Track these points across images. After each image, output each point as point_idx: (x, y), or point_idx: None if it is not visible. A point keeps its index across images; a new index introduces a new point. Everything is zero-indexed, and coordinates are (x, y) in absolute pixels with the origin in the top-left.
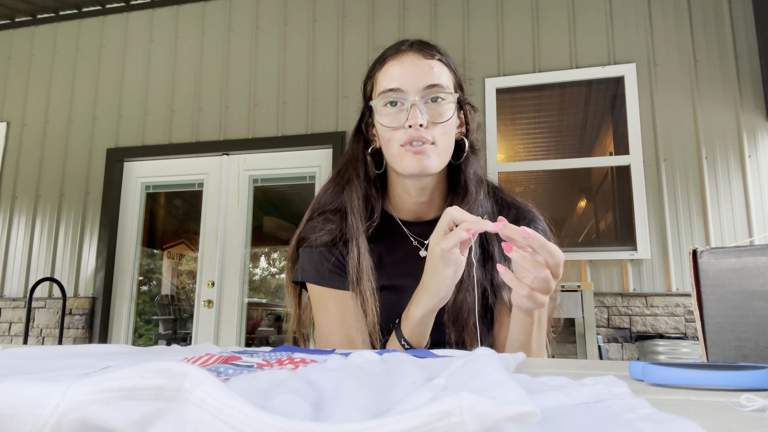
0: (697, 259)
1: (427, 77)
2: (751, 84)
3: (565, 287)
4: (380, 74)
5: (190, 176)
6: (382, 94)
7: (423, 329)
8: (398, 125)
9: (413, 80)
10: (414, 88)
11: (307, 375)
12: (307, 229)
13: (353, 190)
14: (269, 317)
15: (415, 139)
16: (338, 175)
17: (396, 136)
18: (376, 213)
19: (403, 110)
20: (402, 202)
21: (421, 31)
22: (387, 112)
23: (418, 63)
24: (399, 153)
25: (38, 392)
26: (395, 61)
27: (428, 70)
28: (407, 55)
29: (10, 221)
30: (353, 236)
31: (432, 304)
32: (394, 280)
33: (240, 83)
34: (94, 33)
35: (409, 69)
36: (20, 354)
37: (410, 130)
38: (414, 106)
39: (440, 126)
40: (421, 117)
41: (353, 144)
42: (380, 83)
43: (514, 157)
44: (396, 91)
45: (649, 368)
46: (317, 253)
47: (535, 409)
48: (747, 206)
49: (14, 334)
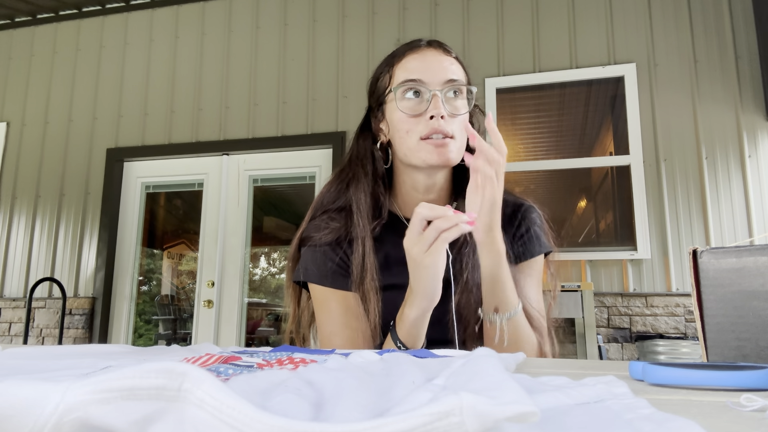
0: (697, 259)
1: (448, 72)
2: (751, 84)
3: (565, 287)
4: (399, 67)
5: (190, 176)
6: (403, 84)
7: (417, 330)
8: (418, 113)
9: (434, 73)
10: (435, 80)
11: (307, 375)
12: (310, 227)
13: (360, 188)
14: (269, 317)
15: (437, 132)
16: (342, 172)
17: (416, 128)
18: (384, 212)
19: (423, 101)
20: (408, 200)
21: (421, 31)
22: (407, 102)
23: (439, 58)
24: (418, 146)
25: (38, 392)
26: (416, 54)
27: (448, 65)
28: (427, 50)
29: (10, 221)
30: (359, 235)
31: (423, 305)
32: (400, 278)
33: (240, 83)
34: (94, 33)
35: (430, 62)
36: (20, 354)
37: (432, 122)
38: (435, 97)
39: (458, 119)
40: (442, 107)
41: (359, 141)
42: (399, 75)
43: (514, 157)
44: (417, 82)
45: (649, 368)
46: (321, 252)
47: (535, 409)
48: (747, 206)
49: (14, 334)
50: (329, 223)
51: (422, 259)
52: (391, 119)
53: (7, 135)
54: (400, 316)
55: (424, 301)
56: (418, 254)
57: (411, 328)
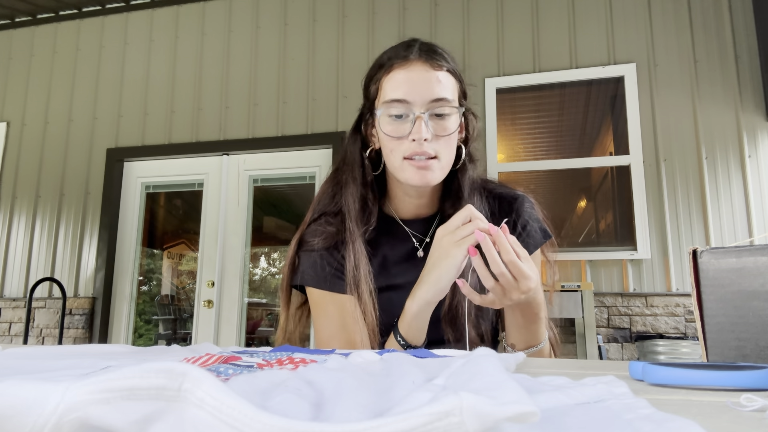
0: (697, 259)
1: (435, 90)
2: (751, 84)
3: (565, 287)
4: (386, 80)
5: (190, 176)
6: (387, 103)
7: (420, 324)
8: (401, 136)
9: (420, 92)
10: (420, 100)
11: (307, 375)
12: (308, 232)
13: (349, 193)
14: (269, 317)
15: (418, 154)
16: (335, 174)
17: (399, 147)
18: (373, 218)
19: (407, 122)
20: (401, 203)
21: (421, 31)
22: (391, 122)
23: (426, 75)
24: (401, 165)
25: (38, 392)
26: (402, 70)
27: (436, 82)
28: (415, 65)
29: (10, 221)
30: (350, 240)
31: (429, 295)
32: (397, 278)
33: (240, 83)
34: (94, 33)
35: (416, 80)
36: (20, 354)
37: (413, 144)
38: (419, 119)
39: (444, 139)
40: (425, 131)
41: (350, 145)
42: (385, 90)
43: (514, 157)
44: (402, 102)
45: (649, 368)
46: (318, 256)
47: (535, 409)
48: (747, 206)
49: (14, 334)
50: (326, 228)
51: (449, 249)
52: (379, 132)
53: (7, 135)
54: (403, 311)
55: (431, 291)
56: (449, 243)
57: (413, 320)
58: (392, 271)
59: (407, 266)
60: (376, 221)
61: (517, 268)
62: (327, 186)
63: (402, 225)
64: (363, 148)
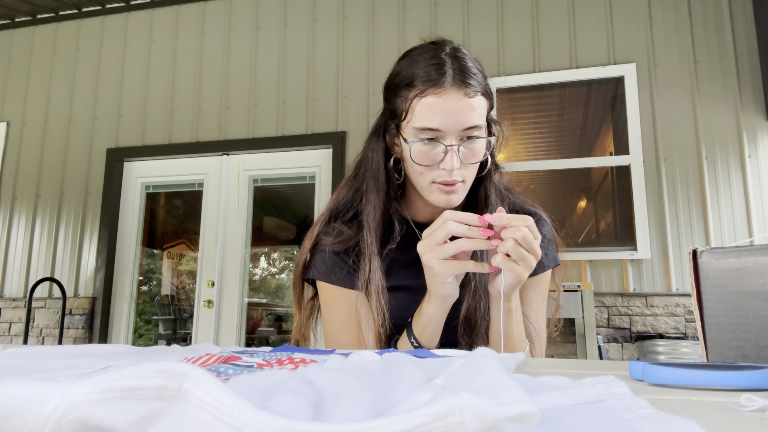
0: (697, 259)
1: (468, 119)
2: (751, 84)
3: (566, 287)
4: (418, 104)
5: (190, 176)
6: (420, 131)
7: (433, 328)
8: (432, 163)
9: (454, 122)
10: (453, 129)
11: (307, 375)
12: (323, 232)
13: (370, 203)
14: (269, 317)
15: (448, 184)
16: (354, 180)
17: (428, 172)
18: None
19: (438, 150)
20: (419, 209)
21: (422, 31)
22: (421, 147)
23: (460, 103)
24: (428, 187)
25: (38, 392)
26: (436, 98)
27: (469, 111)
28: (449, 93)
29: (10, 221)
30: (366, 252)
31: (438, 304)
32: (406, 280)
33: (240, 83)
34: (94, 33)
35: (450, 110)
36: (20, 354)
37: (443, 173)
38: (451, 150)
39: (472, 165)
40: (456, 161)
41: (372, 152)
42: (417, 116)
43: (514, 157)
44: (434, 131)
45: (649, 368)
46: (331, 253)
47: (535, 409)
48: (747, 206)
49: (14, 334)
50: (342, 231)
51: (433, 264)
52: (405, 150)
53: (7, 135)
54: (418, 311)
55: (439, 301)
56: (430, 260)
57: (427, 324)
58: (401, 272)
59: (417, 269)
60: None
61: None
62: (345, 190)
63: (415, 228)
64: (386, 157)
